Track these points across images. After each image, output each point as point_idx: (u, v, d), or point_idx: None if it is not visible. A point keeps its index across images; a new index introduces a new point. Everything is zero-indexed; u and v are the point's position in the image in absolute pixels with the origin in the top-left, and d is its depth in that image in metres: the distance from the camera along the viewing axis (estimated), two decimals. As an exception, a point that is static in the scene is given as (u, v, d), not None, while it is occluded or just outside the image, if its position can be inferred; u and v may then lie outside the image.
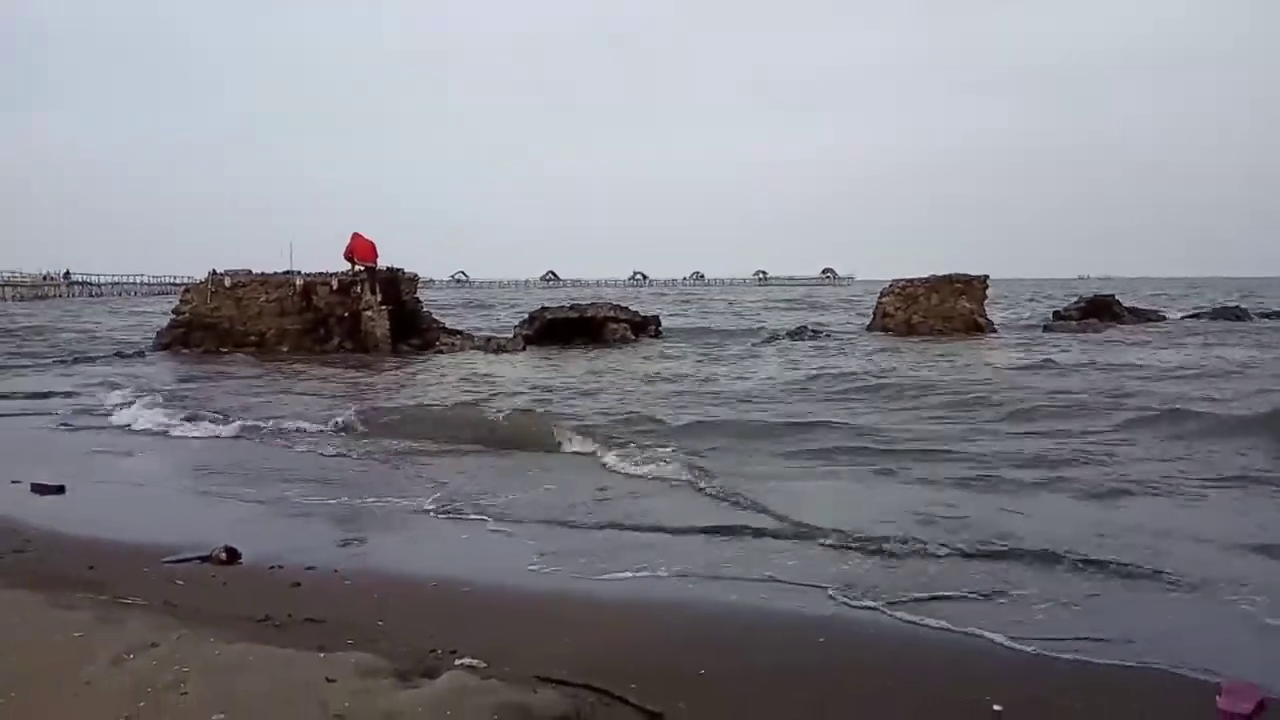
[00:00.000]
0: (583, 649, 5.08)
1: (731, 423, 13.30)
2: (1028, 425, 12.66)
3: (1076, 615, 5.66)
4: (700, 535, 7.54)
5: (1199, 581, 6.12)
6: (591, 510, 8.50)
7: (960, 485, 9.11)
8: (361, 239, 28.89)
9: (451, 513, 8.46)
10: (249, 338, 27.65)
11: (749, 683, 4.77)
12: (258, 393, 17.97)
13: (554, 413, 13.97)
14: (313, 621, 5.42)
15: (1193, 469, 9.71)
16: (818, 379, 18.91)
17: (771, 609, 5.89)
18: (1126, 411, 13.37)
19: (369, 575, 6.57)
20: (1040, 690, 4.66)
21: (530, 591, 6.28)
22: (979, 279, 34.65)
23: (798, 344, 29.89)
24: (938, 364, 21.72)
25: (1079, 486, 8.95)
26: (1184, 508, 8.27)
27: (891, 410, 14.49)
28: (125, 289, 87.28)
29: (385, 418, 13.57)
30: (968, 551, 6.86)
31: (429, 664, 4.66)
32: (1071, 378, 18.56)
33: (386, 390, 18.83)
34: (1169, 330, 34.23)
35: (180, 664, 4.45)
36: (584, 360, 24.16)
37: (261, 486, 9.71)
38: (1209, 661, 4.85)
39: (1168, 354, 23.97)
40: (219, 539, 7.15)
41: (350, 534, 8.13)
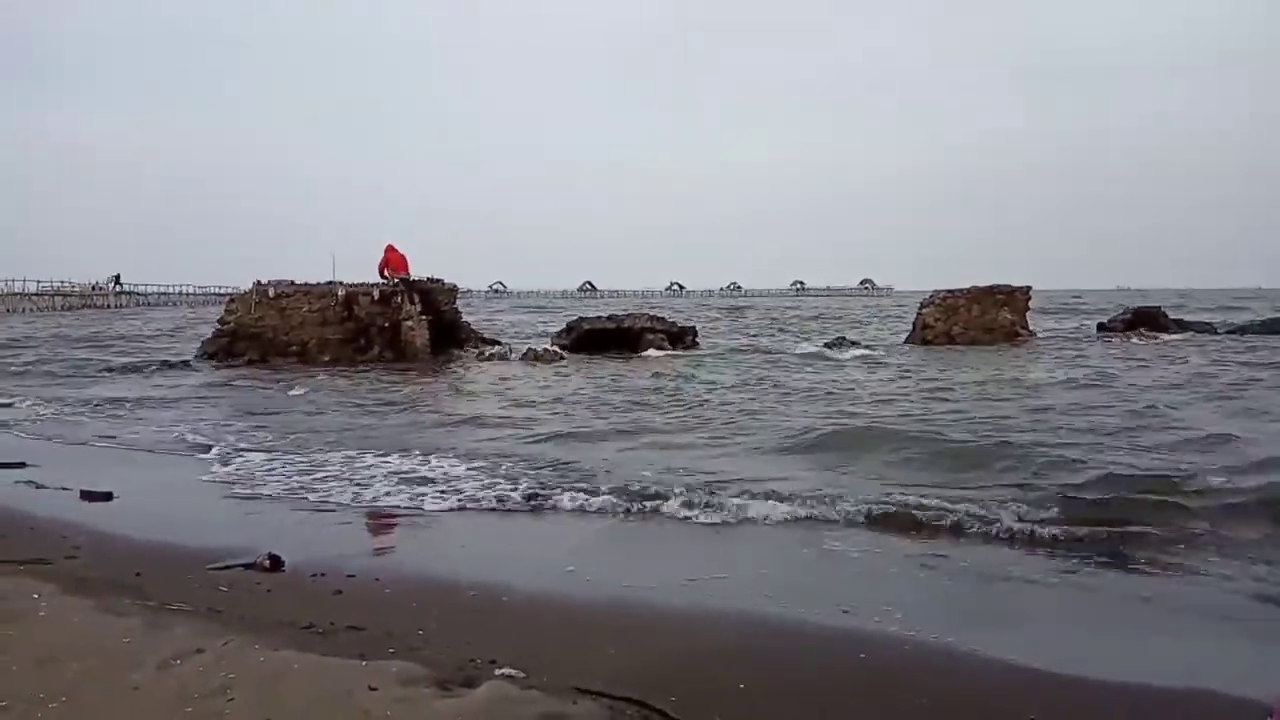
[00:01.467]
0: (621, 660, 5.08)
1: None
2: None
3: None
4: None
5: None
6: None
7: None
8: (395, 252, 29.27)
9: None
10: (291, 347, 28.03)
11: (788, 699, 4.74)
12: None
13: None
14: (354, 629, 5.48)
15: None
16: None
17: (813, 623, 5.86)
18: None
19: (408, 583, 6.62)
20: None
21: (568, 601, 6.29)
22: (1021, 290, 34.31)
23: (838, 357, 29.67)
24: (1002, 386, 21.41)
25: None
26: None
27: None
28: (172, 299, 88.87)
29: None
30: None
31: (469, 673, 4.69)
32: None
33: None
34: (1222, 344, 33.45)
35: (226, 670, 4.52)
36: (626, 373, 24.09)
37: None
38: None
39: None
40: (263, 546, 7.25)
41: (388, 543, 8.20)
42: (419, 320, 28.33)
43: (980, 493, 9.15)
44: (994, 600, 6.46)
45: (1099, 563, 7.15)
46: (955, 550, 7.55)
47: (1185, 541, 7.57)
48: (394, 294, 28.47)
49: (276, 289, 28.90)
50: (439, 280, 30.25)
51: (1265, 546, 7.42)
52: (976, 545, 7.70)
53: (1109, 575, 6.90)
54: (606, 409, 16.50)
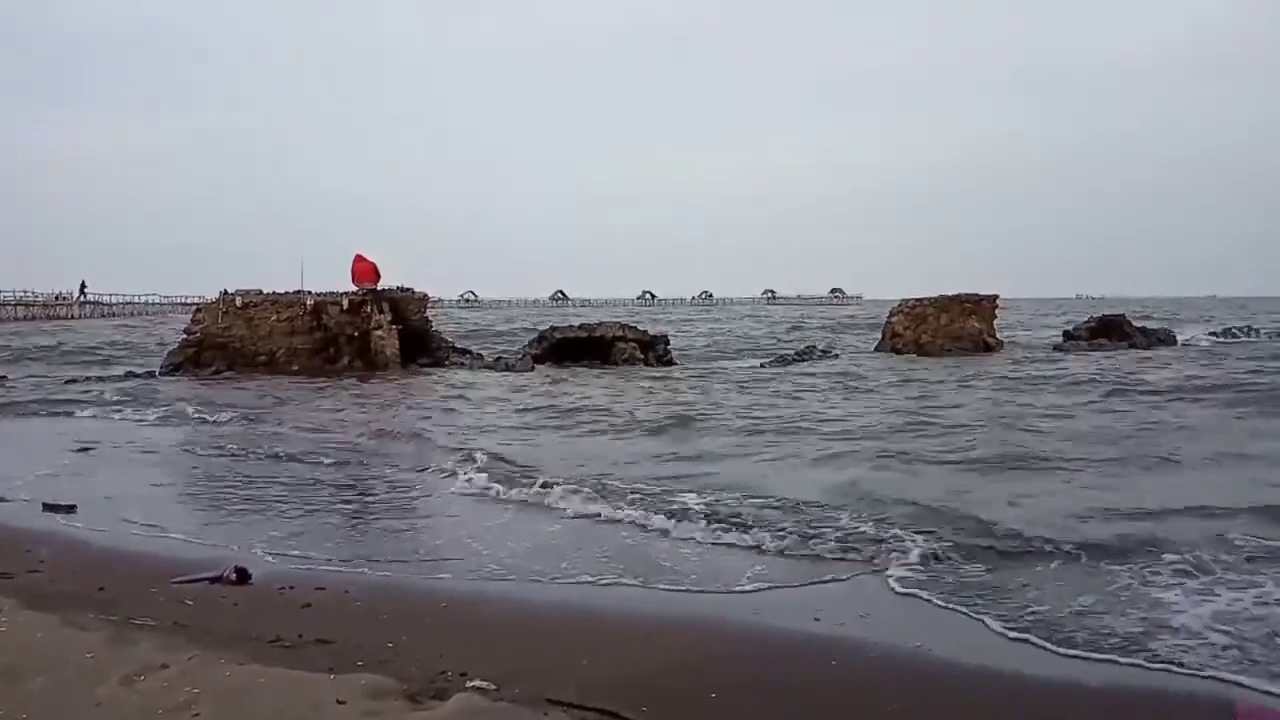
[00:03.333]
0: (594, 670, 5.07)
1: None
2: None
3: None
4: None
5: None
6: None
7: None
8: (364, 261, 29.17)
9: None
10: (259, 357, 27.78)
11: (760, 706, 4.75)
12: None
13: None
14: (323, 643, 5.42)
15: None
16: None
17: (784, 630, 5.88)
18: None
19: (379, 595, 6.57)
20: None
21: (542, 612, 6.27)
22: (988, 298, 34.64)
23: (804, 365, 29.82)
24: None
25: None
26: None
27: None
28: (137, 308, 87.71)
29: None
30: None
31: (440, 686, 4.65)
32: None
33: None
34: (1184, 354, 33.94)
35: (191, 685, 4.46)
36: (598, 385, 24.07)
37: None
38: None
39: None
40: (230, 560, 7.17)
41: (360, 554, 8.13)
42: (389, 329, 28.20)
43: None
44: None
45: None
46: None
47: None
48: (363, 303, 28.30)
49: (244, 298, 28.64)
50: (409, 289, 30.12)
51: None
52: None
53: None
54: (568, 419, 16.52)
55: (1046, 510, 8.73)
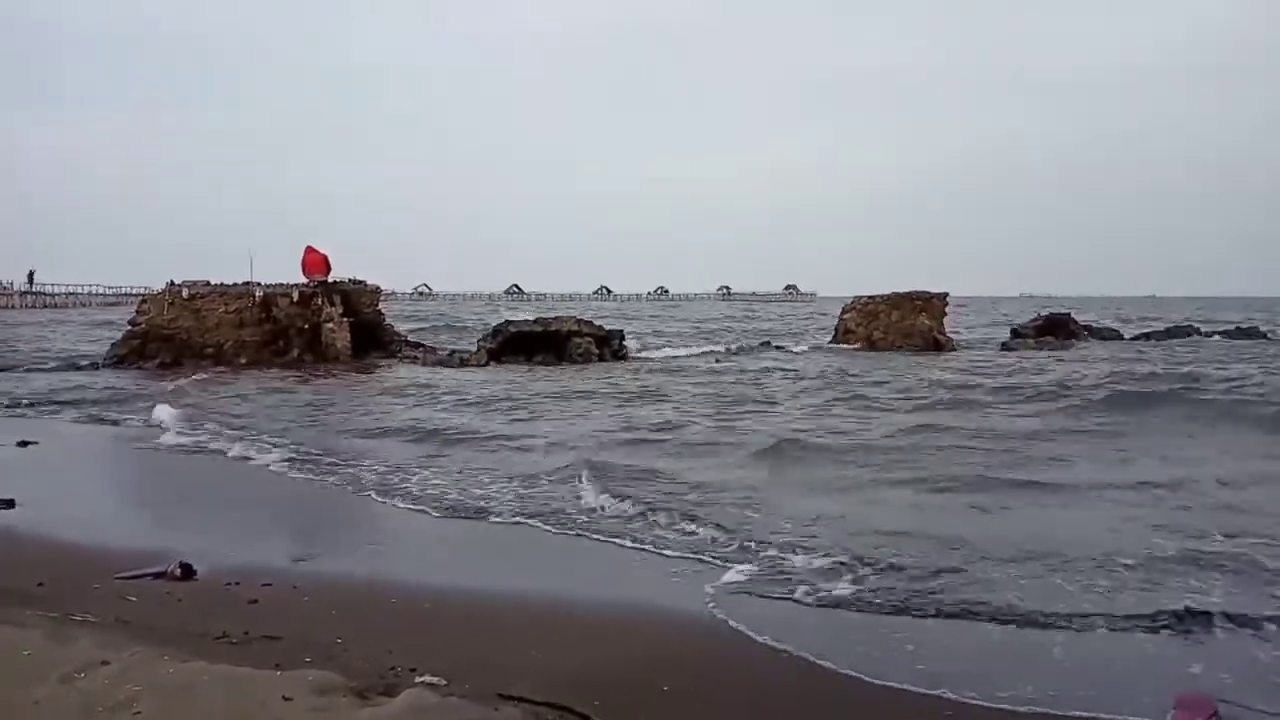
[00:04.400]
0: (547, 665, 5.05)
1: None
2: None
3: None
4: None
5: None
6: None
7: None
8: (314, 252, 28.77)
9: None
10: (206, 350, 27.28)
11: (712, 699, 4.77)
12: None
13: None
14: (270, 639, 5.34)
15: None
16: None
17: (732, 625, 5.90)
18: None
19: (328, 590, 6.49)
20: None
21: (494, 607, 6.24)
22: (938, 296, 35.12)
23: (760, 360, 30.00)
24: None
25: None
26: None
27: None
28: (81, 299, 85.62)
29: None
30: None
31: (389, 682, 4.60)
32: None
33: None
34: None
35: (132, 683, 4.36)
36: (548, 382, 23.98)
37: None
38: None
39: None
40: (175, 555, 7.03)
41: (309, 550, 8.02)
42: (340, 322, 27.84)
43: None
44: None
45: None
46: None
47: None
48: (314, 295, 27.92)
49: (191, 289, 28.12)
50: (361, 281, 29.78)
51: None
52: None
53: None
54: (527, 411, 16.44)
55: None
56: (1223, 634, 5.58)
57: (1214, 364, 24.63)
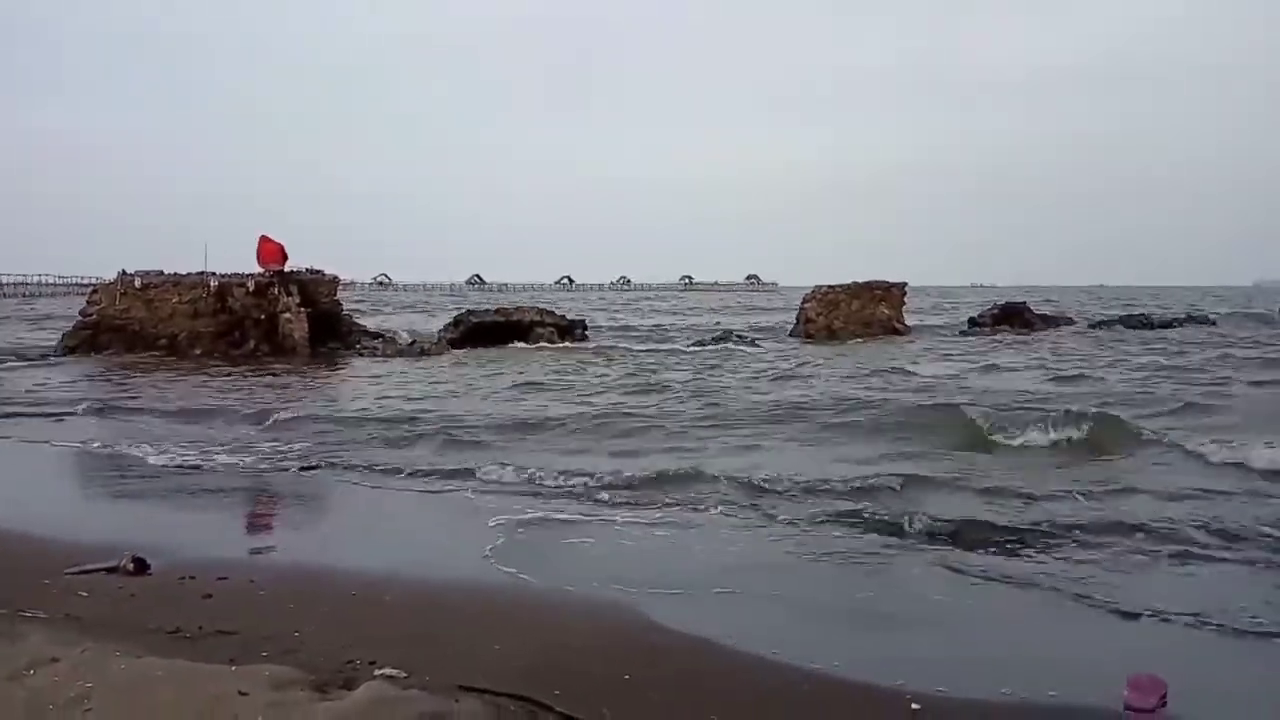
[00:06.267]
0: (508, 656, 5.03)
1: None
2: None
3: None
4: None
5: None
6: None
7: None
8: (269, 242, 28.36)
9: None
10: (160, 341, 26.83)
11: (675, 688, 4.76)
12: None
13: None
14: (225, 633, 5.26)
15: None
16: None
17: (694, 613, 5.91)
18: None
19: (285, 583, 6.39)
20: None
21: (455, 599, 6.18)
22: (897, 286, 35.60)
23: (724, 348, 30.04)
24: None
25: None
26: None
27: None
28: (30, 289, 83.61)
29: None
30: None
31: (347, 675, 4.56)
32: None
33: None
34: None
35: (83, 679, 4.28)
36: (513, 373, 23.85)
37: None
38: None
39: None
40: (128, 549, 6.89)
41: (266, 543, 7.93)
42: (297, 313, 27.46)
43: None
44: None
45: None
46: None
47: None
48: (270, 285, 27.52)
49: (144, 279, 27.61)
50: (319, 271, 29.41)
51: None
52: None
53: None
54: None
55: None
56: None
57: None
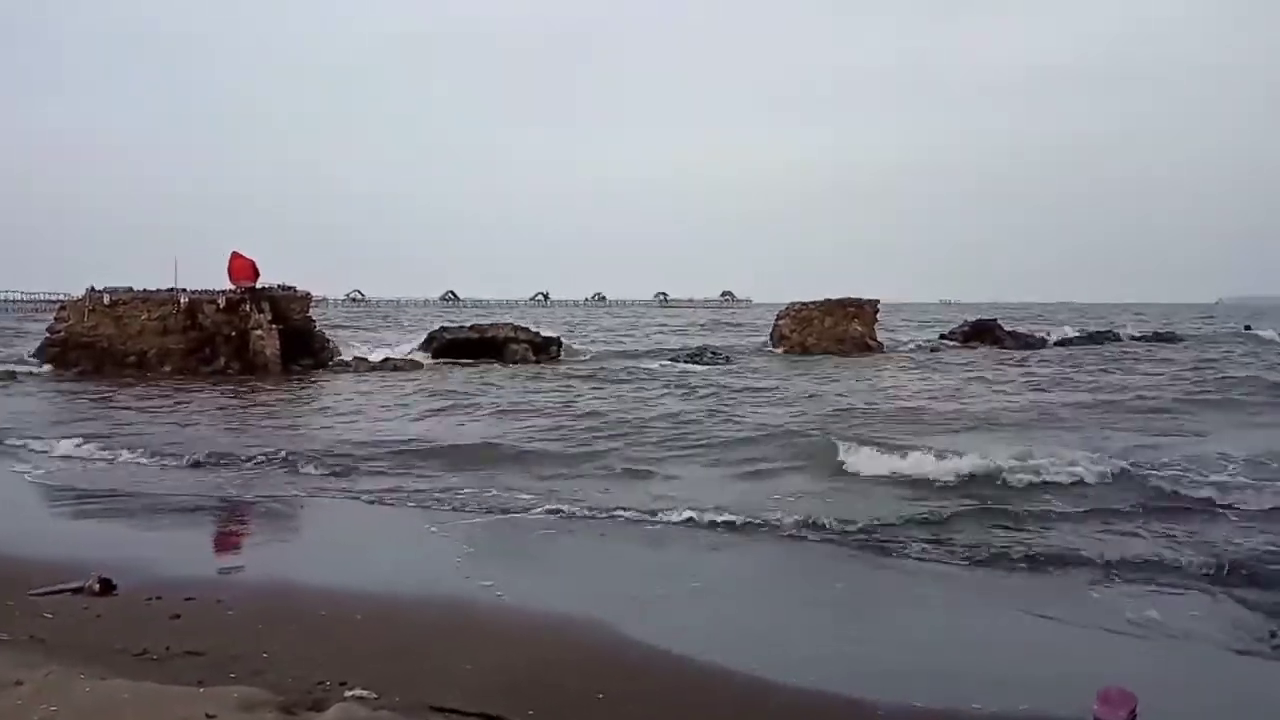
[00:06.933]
0: (479, 674, 4.99)
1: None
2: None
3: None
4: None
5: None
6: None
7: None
8: (240, 258, 28.10)
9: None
10: (129, 358, 26.48)
11: (648, 703, 4.75)
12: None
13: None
14: (193, 654, 5.19)
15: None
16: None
17: (665, 630, 5.89)
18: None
19: (254, 603, 6.31)
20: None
21: (424, 617, 6.13)
22: (870, 303, 35.85)
23: (699, 367, 30.08)
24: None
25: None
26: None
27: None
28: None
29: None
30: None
31: (317, 696, 4.51)
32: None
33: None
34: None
35: (47, 703, 4.20)
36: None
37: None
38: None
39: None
40: (94, 569, 6.78)
41: (234, 562, 7.83)
42: (269, 329, 27.19)
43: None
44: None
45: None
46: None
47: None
48: (241, 302, 27.26)
49: (112, 295, 27.27)
50: (290, 288, 29.17)
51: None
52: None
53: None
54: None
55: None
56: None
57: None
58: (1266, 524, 8.35)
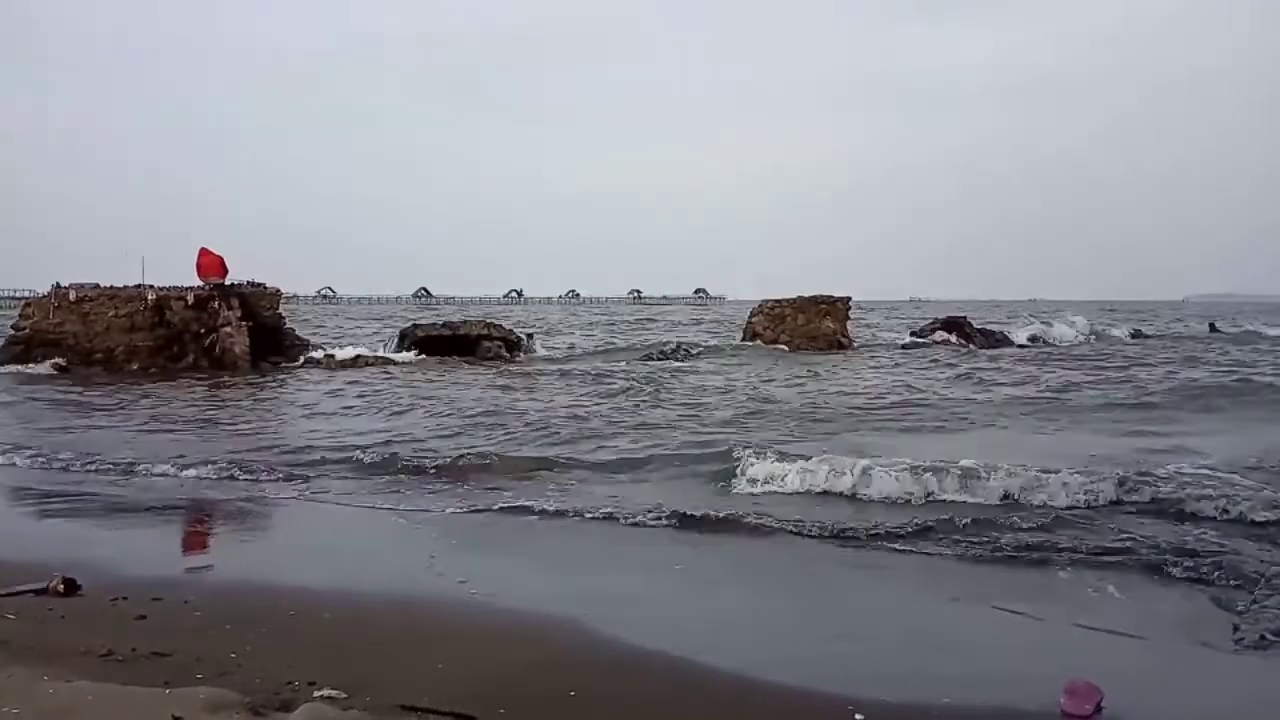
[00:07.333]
0: (450, 673, 4.97)
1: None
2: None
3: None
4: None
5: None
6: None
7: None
8: (209, 254, 27.83)
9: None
10: (95, 355, 26.13)
11: (622, 703, 4.75)
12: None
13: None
14: (159, 655, 5.12)
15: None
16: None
17: (638, 628, 5.90)
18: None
19: (222, 603, 6.24)
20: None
21: (395, 616, 6.09)
22: (842, 300, 36.06)
23: (673, 363, 30.10)
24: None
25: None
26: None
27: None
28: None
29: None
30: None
31: (285, 696, 4.47)
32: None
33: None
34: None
35: (8, 705, 4.14)
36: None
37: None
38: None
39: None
40: (57, 569, 6.69)
41: (202, 561, 7.75)
42: (238, 326, 26.95)
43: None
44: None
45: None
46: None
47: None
48: (210, 298, 26.99)
49: (78, 292, 26.90)
50: (260, 284, 28.92)
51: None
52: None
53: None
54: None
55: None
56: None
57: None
58: (1229, 519, 8.46)
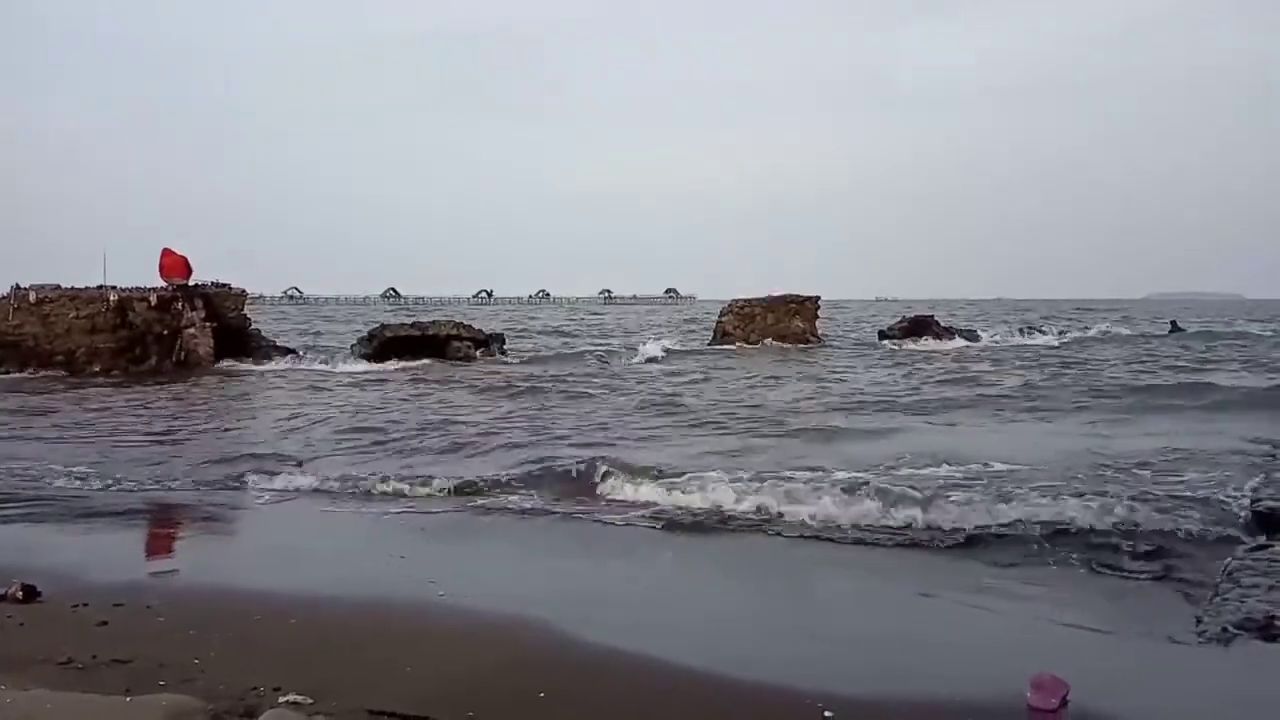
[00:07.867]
0: (418, 677, 4.92)
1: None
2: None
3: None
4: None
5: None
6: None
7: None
8: (172, 255, 27.52)
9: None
10: (56, 357, 25.74)
11: (590, 702, 4.73)
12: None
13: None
14: (120, 663, 5.04)
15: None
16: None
17: (611, 629, 5.88)
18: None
19: (185, 608, 6.15)
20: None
21: (362, 619, 6.03)
22: (811, 299, 36.33)
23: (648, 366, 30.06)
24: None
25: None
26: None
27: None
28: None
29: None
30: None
31: (250, 703, 4.40)
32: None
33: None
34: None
35: (-37, 716, 4.05)
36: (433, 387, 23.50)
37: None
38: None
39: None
40: (15, 575, 6.56)
41: (166, 565, 7.63)
42: (202, 328, 26.66)
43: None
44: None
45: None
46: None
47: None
48: (174, 299, 26.66)
49: (39, 293, 26.46)
50: (225, 285, 28.61)
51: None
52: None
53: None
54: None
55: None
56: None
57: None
58: (1192, 509, 8.55)
